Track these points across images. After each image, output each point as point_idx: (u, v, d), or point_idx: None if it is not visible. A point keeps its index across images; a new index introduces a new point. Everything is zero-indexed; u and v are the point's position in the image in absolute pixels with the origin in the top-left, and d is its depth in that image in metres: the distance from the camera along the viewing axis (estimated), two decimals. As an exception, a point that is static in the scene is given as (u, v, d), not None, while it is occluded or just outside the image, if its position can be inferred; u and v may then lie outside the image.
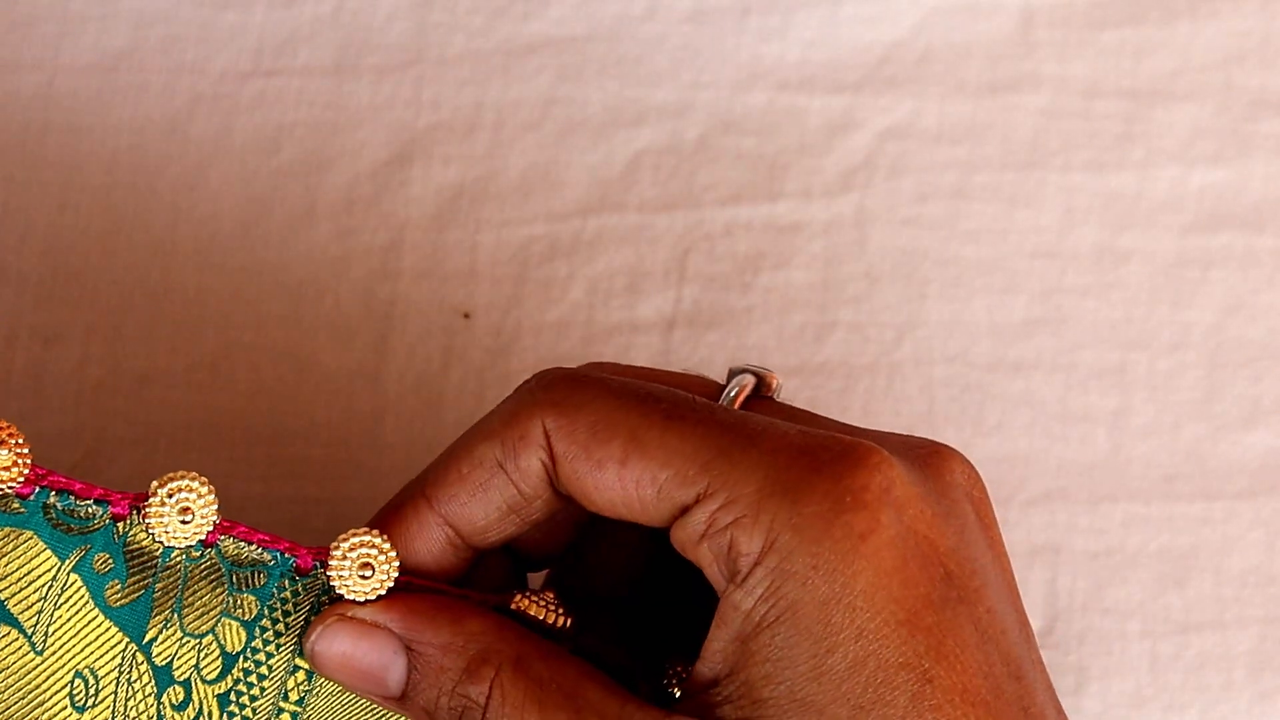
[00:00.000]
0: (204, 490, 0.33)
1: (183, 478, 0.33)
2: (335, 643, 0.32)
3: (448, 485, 0.33)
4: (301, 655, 0.33)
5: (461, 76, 0.46)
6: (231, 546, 0.33)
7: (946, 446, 0.33)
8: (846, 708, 0.30)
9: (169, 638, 0.33)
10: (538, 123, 0.46)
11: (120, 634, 0.33)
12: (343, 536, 0.33)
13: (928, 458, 0.33)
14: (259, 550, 0.33)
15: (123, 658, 0.33)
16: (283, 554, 0.33)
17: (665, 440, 0.31)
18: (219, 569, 0.33)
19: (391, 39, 0.46)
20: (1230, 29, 0.47)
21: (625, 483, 0.31)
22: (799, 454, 0.31)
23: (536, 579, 0.37)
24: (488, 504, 0.33)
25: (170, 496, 0.32)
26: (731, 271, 0.45)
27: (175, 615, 0.33)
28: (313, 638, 0.33)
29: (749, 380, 0.34)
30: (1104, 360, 0.45)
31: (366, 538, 0.33)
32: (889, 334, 0.45)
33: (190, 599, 0.33)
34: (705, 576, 0.31)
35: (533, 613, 0.33)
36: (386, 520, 0.33)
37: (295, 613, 0.33)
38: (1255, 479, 0.44)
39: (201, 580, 0.33)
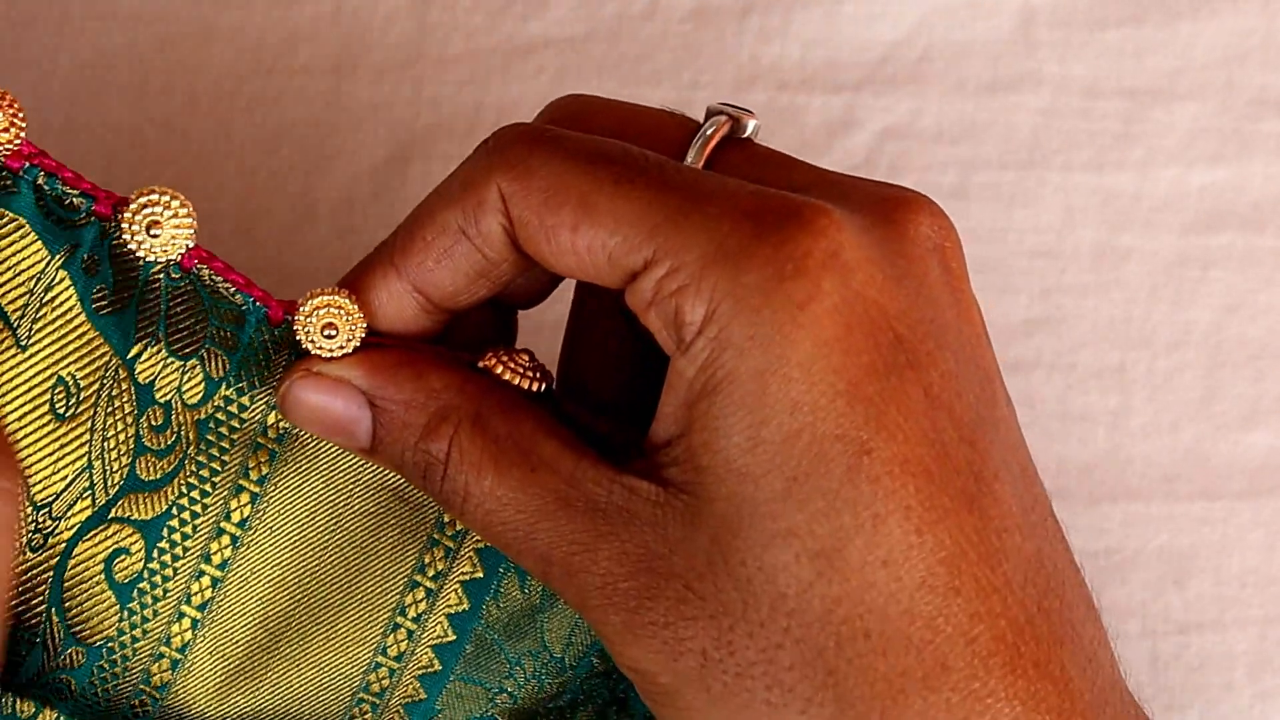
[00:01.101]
0: (177, 207, 0.32)
1: (160, 192, 0.32)
2: (304, 396, 0.33)
3: (413, 253, 0.33)
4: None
5: (461, 76, 0.46)
6: (208, 277, 0.33)
7: (916, 194, 0.32)
8: (780, 479, 0.29)
9: (153, 357, 0.33)
10: (538, 123, 0.46)
11: (105, 345, 0.33)
12: (310, 294, 0.33)
13: (892, 211, 0.31)
14: (233, 290, 0.33)
15: (105, 370, 0.33)
16: (255, 301, 0.33)
17: (614, 205, 0.30)
18: (198, 298, 0.33)
19: (391, 39, 0.46)
20: (1230, 29, 0.47)
21: (578, 249, 0.31)
22: (744, 218, 0.30)
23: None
24: (454, 270, 0.33)
25: (144, 208, 0.32)
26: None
27: (161, 334, 0.33)
28: (282, 389, 0.33)
29: (723, 123, 0.33)
30: (1104, 360, 0.45)
31: (333, 298, 0.33)
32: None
33: (174, 321, 0.33)
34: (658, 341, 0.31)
35: (503, 375, 0.32)
36: (354, 287, 0.33)
37: (275, 355, 0.33)
38: (1255, 479, 0.45)
39: (182, 305, 0.33)
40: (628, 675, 0.31)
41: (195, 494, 0.34)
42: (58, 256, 0.32)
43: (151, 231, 0.32)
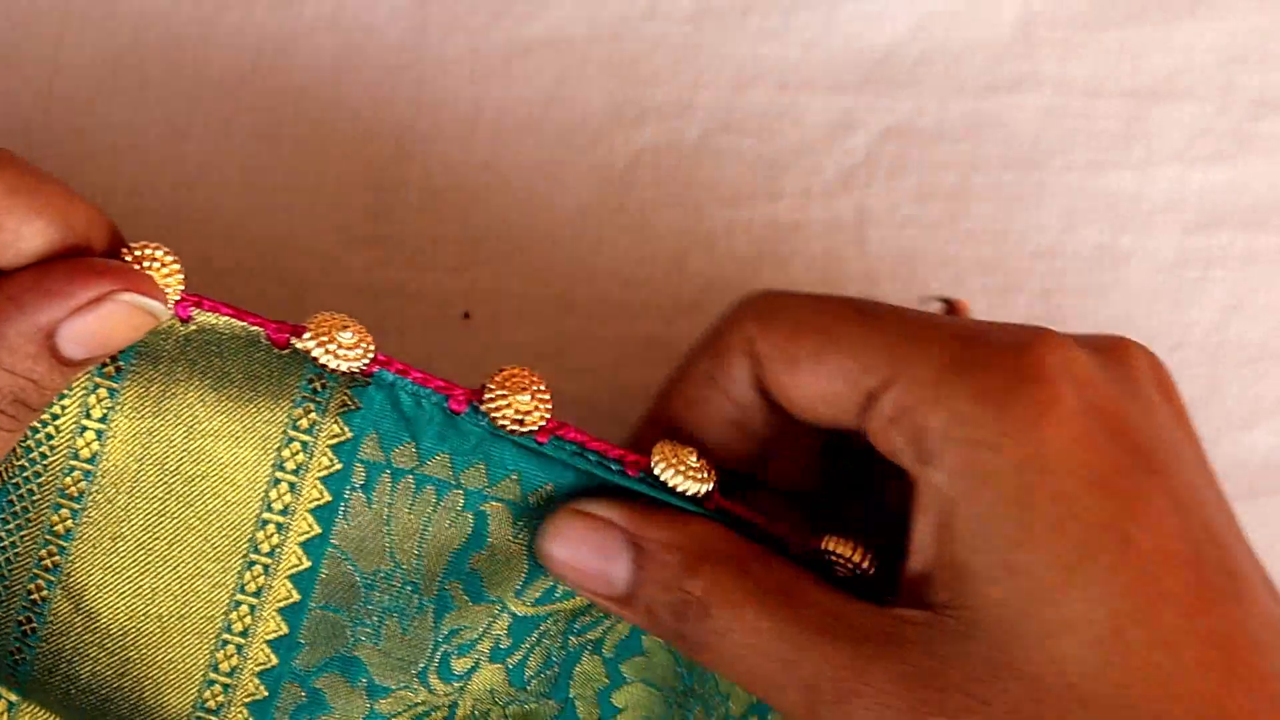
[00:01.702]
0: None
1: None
2: (568, 531, 0.34)
3: (673, 407, 0.35)
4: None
5: (461, 76, 0.46)
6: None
7: (1127, 339, 0.34)
8: (1056, 569, 0.30)
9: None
10: (538, 123, 0.46)
11: None
12: (660, 448, 0.34)
13: (1112, 347, 0.33)
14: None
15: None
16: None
17: (854, 334, 0.32)
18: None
19: (391, 39, 0.46)
20: (1230, 29, 0.47)
21: (819, 377, 0.33)
22: (977, 336, 0.32)
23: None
24: (709, 418, 0.35)
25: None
26: (732, 271, 0.45)
27: None
28: (544, 526, 0.34)
29: (938, 306, 0.36)
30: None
31: (676, 452, 0.34)
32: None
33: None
34: (901, 467, 0.32)
35: (841, 552, 0.34)
36: (637, 444, 0.35)
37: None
38: (1255, 479, 0.44)
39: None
40: None
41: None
42: None
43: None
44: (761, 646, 0.32)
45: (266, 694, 0.36)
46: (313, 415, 0.35)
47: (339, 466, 0.35)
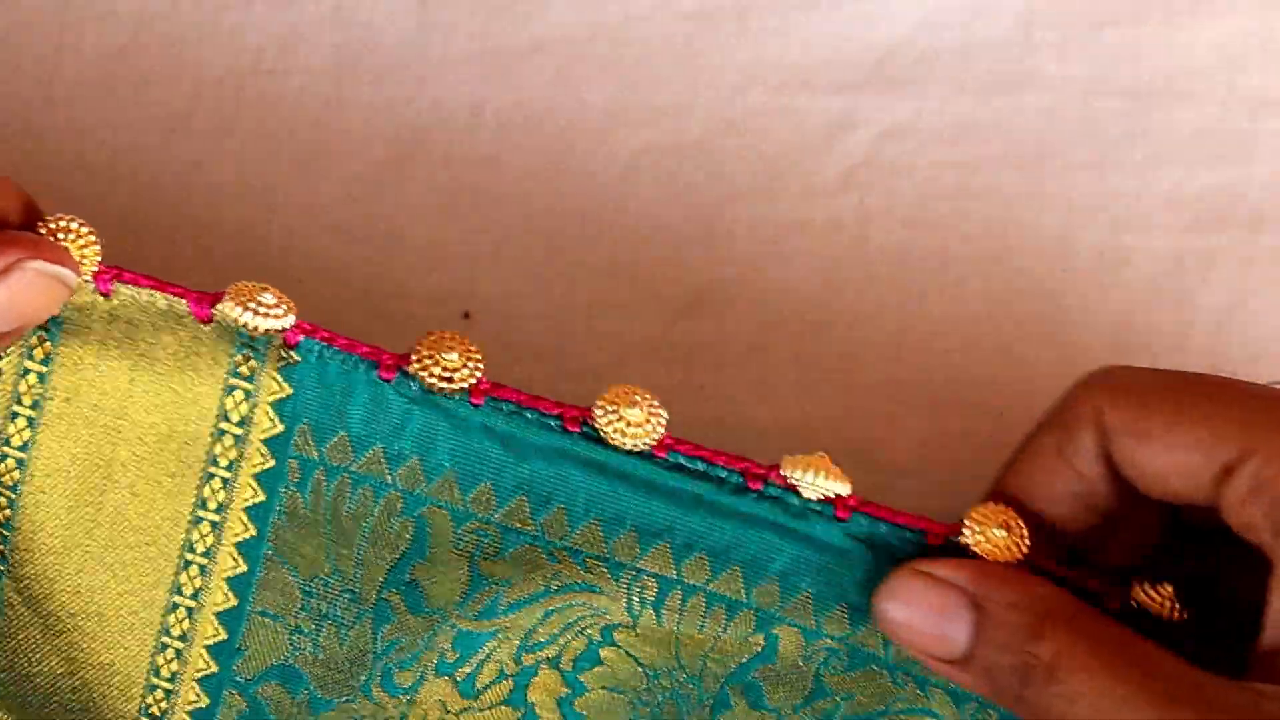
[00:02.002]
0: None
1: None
2: (903, 595, 0.33)
3: (1018, 478, 0.35)
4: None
5: (461, 76, 0.46)
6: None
7: None
8: None
9: None
10: (538, 123, 0.46)
11: None
12: (982, 511, 0.34)
13: None
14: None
15: None
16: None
17: (1208, 407, 0.32)
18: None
19: (391, 39, 0.46)
20: (1231, 29, 0.47)
21: (1172, 450, 0.32)
22: None
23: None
24: (1053, 491, 0.34)
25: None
26: (732, 271, 0.45)
27: None
28: (884, 584, 0.34)
29: None
30: (1104, 360, 0.45)
31: (1002, 514, 0.34)
32: (889, 333, 0.45)
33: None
34: (1251, 542, 0.32)
35: (1152, 603, 0.34)
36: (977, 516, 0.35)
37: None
38: (1255, 479, 0.44)
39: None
40: None
41: None
42: None
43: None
44: (1111, 713, 0.31)
45: (208, 702, 0.35)
46: (243, 406, 0.35)
47: (272, 463, 0.35)
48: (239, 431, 0.35)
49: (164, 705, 0.35)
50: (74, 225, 0.34)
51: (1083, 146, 0.46)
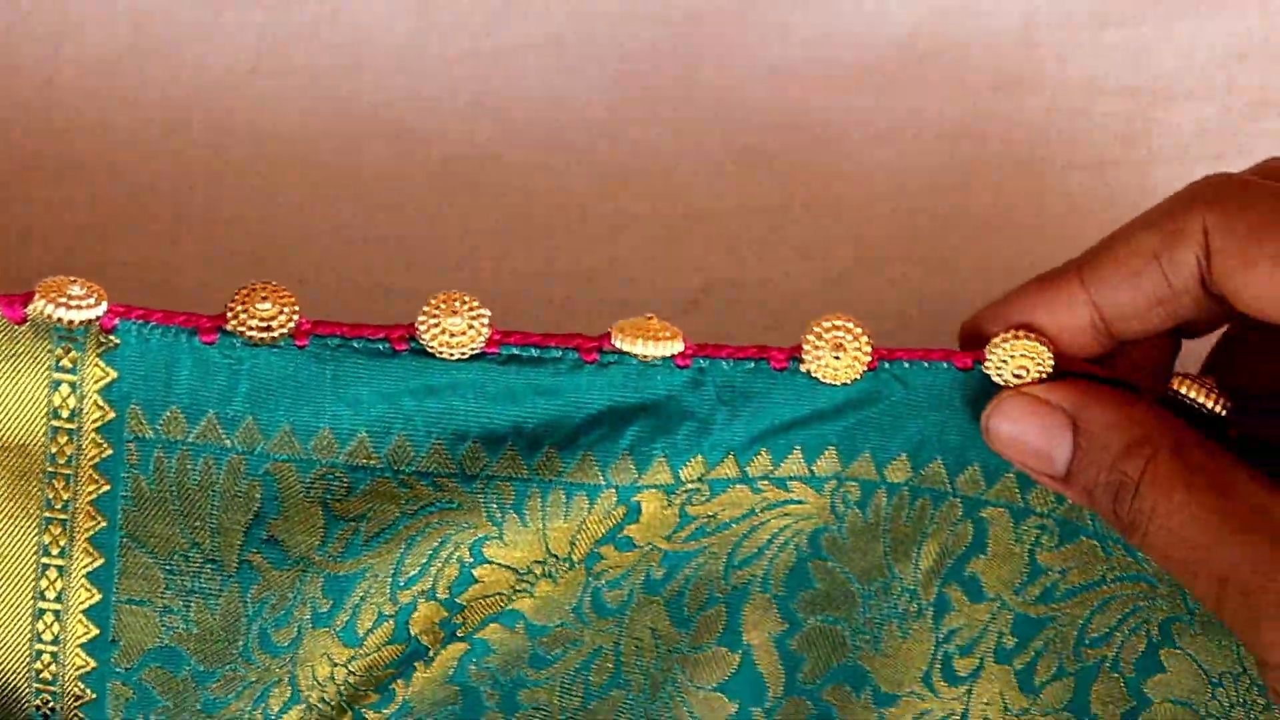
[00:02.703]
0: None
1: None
2: (1010, 413, 0.34)
3: (1101, 267, 0.35)
4: None
5: (461, 76, 0.46)
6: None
7: None
8: None
9: None
10: (537, 122, 0.46)
11: None
12: (1006, 335, 0.35)
13: None
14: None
15: None
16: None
17: None
18: None
19: (391, 39, 0.46)
20: (1231, 29, 0.47)
21: (1276, 282, 0.32)
22: None
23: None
24: (1136, 292, 0.34)
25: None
26: (732, 271, 0.45)
27: None
28: (988, 410, 0.35)
29: None
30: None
31: (1029, 342, 0.35)
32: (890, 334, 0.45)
33: None
34: None
35: (1193, 394, 0.34)
36: (1037, 291, 0.35)
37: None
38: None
39: None
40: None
41: None
42: None
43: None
44: (1181, 532, 0.32)
45: (95, 696, 0.36)
46: (70, 400, 0.34)
47: (110, 450, 0.35)
48: (71, 426, 0.35)
49: (53, 706, 0.36)
50: None
51: (1083, 146, 0.46)
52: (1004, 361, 0.35)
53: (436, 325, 0.34)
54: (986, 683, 0.37)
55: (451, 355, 0.34)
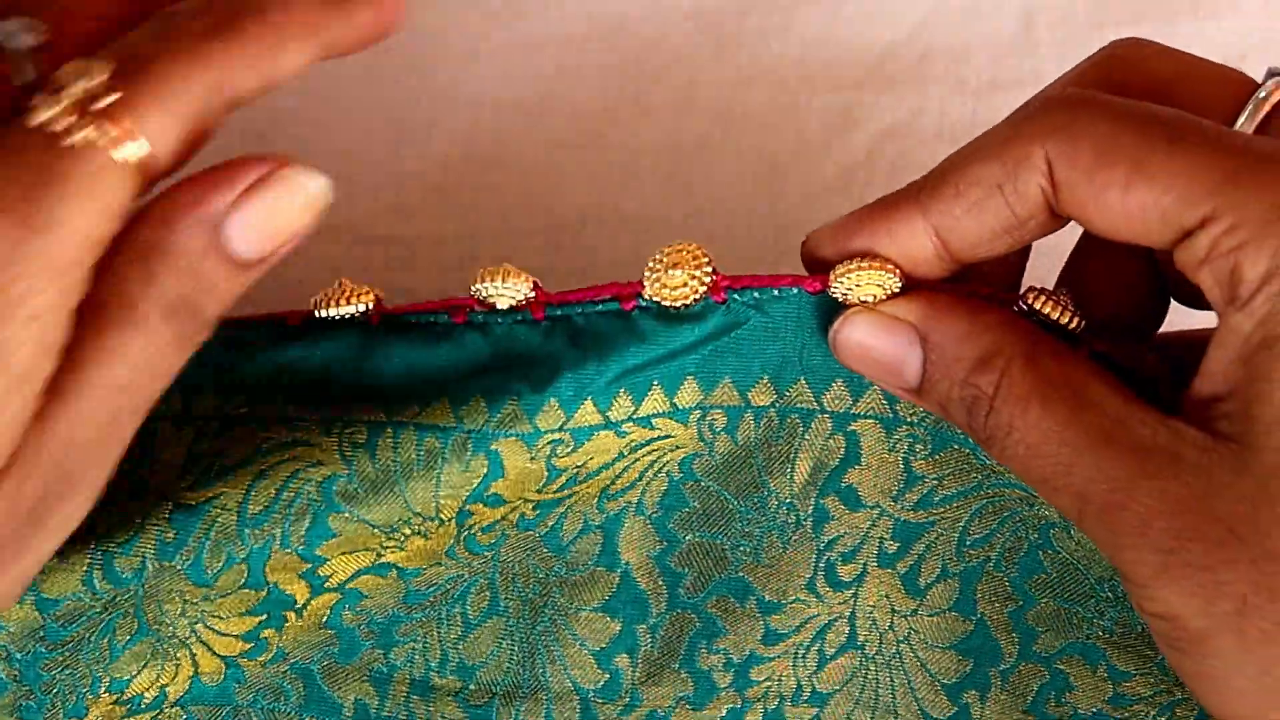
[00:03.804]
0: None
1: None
2: (855, 332, 0.34)
3: (942, 199, 0.33)
4: None
5: (462, 76, 0.46)
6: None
7: None
8: None
9: None
10: (537, 122, 0.46)
11: None
12: (850, 265, 0.34)
13: None
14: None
15: None
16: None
17: (1169, 164, 0.30)
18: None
19: (392, 39, 0.46)
20: (1231, 29, 0.47)
21: (1128, 207, 0.31)
22: None
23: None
24: (981, 223, 0.33)
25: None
26: (731, 271, 0.45)
27: None
28: (834, 329, 0.34)
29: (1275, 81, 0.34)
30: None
31: (874, 272, 0.34)
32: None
33: None
34: (1205, 298, 0.31)
35: (1046, 310, 0.33)
36: (878, 218, 0.34)
37: None
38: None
39: None
40: (1150, 622, 0.31)
41: None
42: None
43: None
44: (1040, 447, 0.31)
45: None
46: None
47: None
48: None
49: None
50: None
51: (1083, 146, 0.46)
52: (850, 290, 0.34)
53: (331, 299, 0.35)
54: (872, 586, 0.37)
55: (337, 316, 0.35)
